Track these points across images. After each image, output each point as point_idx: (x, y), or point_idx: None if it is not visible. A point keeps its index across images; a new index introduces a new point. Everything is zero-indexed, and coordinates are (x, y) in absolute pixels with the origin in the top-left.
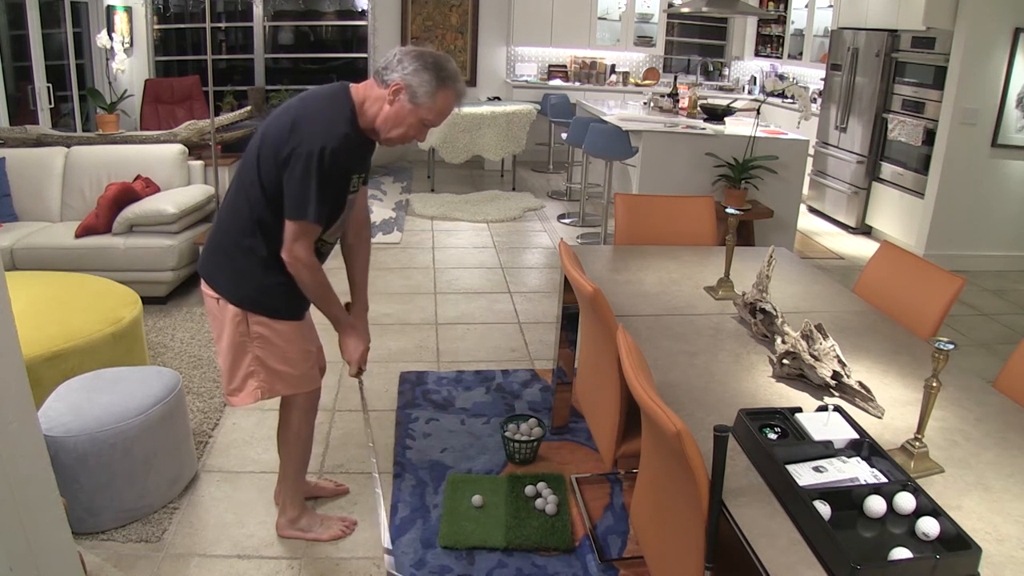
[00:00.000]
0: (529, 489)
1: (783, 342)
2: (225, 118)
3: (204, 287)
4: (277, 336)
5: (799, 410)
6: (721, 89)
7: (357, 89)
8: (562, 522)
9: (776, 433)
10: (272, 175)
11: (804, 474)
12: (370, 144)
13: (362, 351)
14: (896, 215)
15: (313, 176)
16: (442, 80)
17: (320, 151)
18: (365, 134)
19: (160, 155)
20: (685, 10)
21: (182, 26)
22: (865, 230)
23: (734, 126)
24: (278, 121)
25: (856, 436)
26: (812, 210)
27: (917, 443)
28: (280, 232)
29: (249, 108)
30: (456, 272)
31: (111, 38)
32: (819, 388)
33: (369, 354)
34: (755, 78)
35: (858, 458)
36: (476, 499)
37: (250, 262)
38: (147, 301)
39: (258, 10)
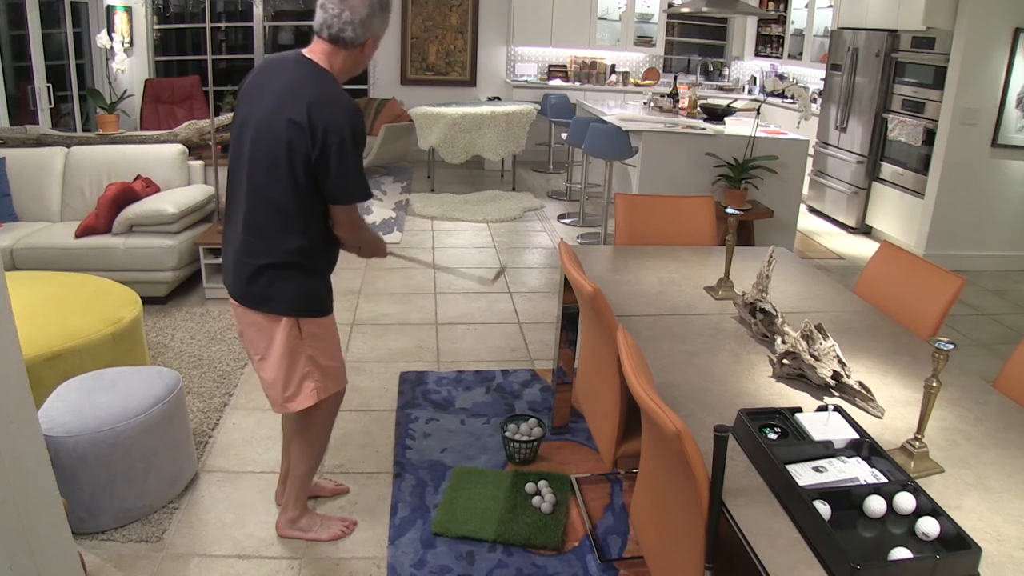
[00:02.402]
0: (529, 486)
1: (783, 342)
2: (225, 118)
3: (242, 309)
4: (326, 331)
5: (799, 410)
6: (721, 89)
7: (317, 56)
8: (555, 522)
9: (776, 433)
10: (304, 179)
11: (804, 474)
12: None
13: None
14: (896, 215)
15: (352, 157)
16: (389, 6)
17: (351, 132)
18: None
19: (160, 155)
20: (685, 10)
21: (182, 26)
22: (865, 230)
23: (734, 126)
24: (292, 127)
25: (856, 436)
26: (812, 210)
27: (917, 443)
28: (311, 226)
29: None
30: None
31: (111, 38)
32: (819, 388)
33: (369, 354)
34: (755, 78)
35: (858, 458)
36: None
37: (294, 273)
38: (147, 301)
39: (258, 10)
